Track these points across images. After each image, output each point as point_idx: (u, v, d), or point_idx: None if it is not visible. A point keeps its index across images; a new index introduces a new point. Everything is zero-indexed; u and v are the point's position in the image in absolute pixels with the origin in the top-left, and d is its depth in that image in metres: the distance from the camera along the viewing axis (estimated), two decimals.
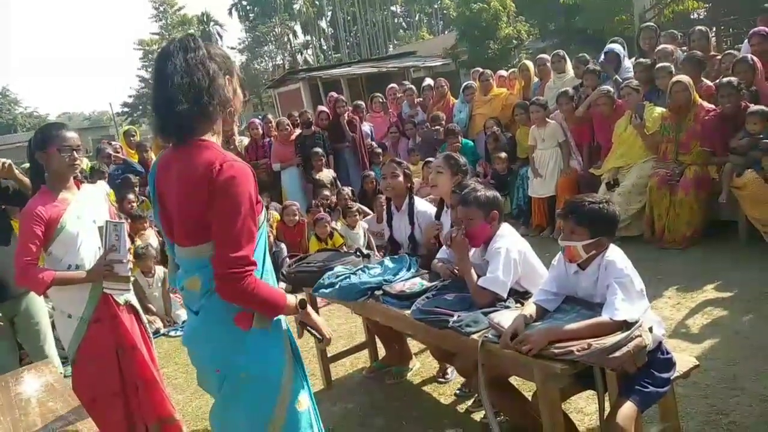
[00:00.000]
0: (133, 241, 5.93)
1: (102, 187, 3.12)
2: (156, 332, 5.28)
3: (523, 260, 2.72)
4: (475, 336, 2.37)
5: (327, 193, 6.93)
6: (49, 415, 2.06)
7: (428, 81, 8.91)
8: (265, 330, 1.80)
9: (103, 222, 2.79)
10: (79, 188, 2.86)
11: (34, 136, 2.76)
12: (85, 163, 7.46)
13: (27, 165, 2.94)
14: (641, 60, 6.27)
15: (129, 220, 6.04)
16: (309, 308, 1.88)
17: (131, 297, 2.93)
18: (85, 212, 2.79)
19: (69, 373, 2.85)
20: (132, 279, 2.87)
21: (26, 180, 3.09)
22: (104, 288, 2.76)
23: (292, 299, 1.83)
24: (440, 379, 3.56)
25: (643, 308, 2.22)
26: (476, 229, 2.76)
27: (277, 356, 1.85)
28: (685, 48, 6.57)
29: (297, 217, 6.39)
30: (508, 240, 2.74)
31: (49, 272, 2.64)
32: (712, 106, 5.23)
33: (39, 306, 3.32)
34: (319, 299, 3.63)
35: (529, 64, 7.83)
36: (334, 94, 8.56)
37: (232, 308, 1.75)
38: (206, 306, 1.79)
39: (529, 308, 2.33)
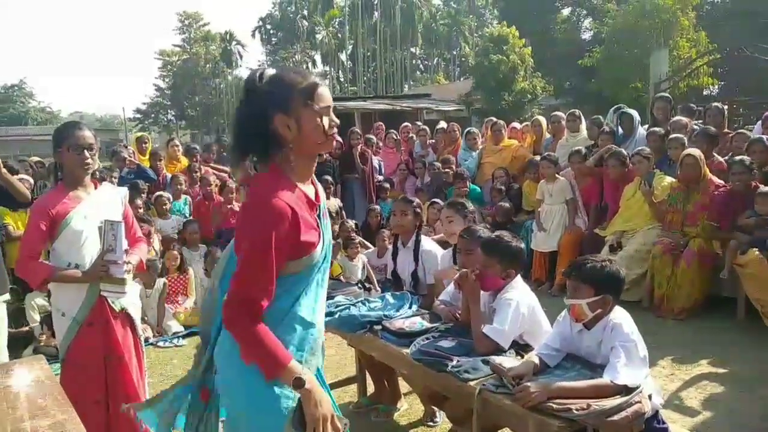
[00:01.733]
0: None
1: (122, 190, 3.08)
2: (146, 341, 5.21)
3: (530, 316, 2.71)
4: (472, 383, 2.35)
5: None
6: (37, 412, 2.02)
7: (442, 124, 9.03)
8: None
9: (103, 222, 2.76)
10: (96, 188, 2.86)
11: (53, 134, 2.79)
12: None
13: (35, 158, 2.97)
14: (655, 129, 6.37)
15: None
16: (314, 389, 1.65)
17: (128, 304, 2.89)
18: (95, 213, 2.77)
19: (57, 371, 2.81)
20: (129, 283, 2.82)
21: (14, 181, 3.08)
22: (101, 290, 2.74)
23: (296, 368, 1.63)
24: (429, 423, 3.51)
25: (644, 375, 2.22)
26: (488, 277, 2.75)
27: (277, 410, 1.68)
28: (699, 122, 6.69)
29: None
30: (519, 293, 2.73)
31: (48, 267, 2.64)
32: (722, 182, 5.30)
33: None
34: None
35: (542, 119, 7.95)
36: (356, 129, 8.66)
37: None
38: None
39: (533, 359, 2.33)
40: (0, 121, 57.76)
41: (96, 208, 2.79)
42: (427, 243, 3.81)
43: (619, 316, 2.33)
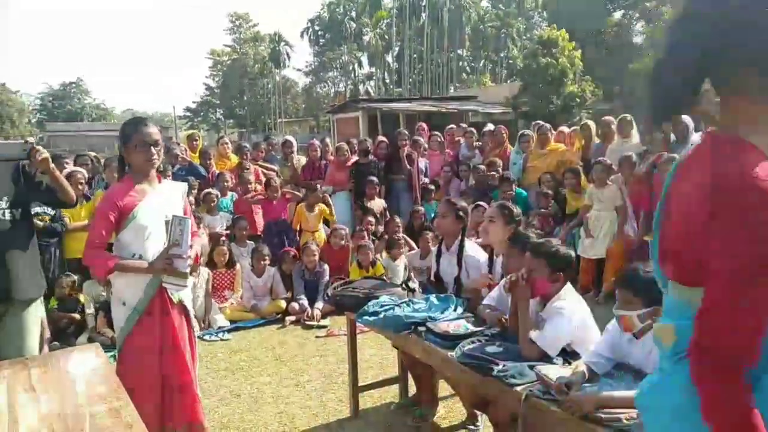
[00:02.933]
0: None
1: (182, 185, 3.17)
2: None
3: (581, 326, 2.67)
4: (518, 388, 2.33)
5: (372, 219, 6.98)
6: (95, 397, 2.10)
7: (489, 126, 8.96)
8: None
9: (170, 216, 2.86)
10: (160, 182, 2.96)
11: (120, 130, 2.90)
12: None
13: (92, 154, 3.03)
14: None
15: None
16: None
17: (185, 297, 2.98)
18: (160, 207, 2.87)
19: (111, 360, 2.92)
20: (189, 277, 2.92)
21: (62, 179, 3.09)
22: (163, 282, 2.83)
23: None
24: (470, 427, 3.48)
25: None
26: (536, 281, 2.72)
27: None
28: None
29: (344, 242, 6.45)
30: (572, 303, 2.69)
31: (114, 258, 2.73)
32: None
33: (28, 325, 3.04)
34: (358, 326, 3.64)
35: (592, 124, 7.80)
36: (404, 130, 8.69)
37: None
38: (669, 373, 1.27)
39: (581, 368, 2.29)
40: (57, 117, 60.16)
41: (160, 203, 2.89)
42: (471, 248, 3.78)
43: None
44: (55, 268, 5.46)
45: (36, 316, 3.10)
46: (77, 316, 5.33)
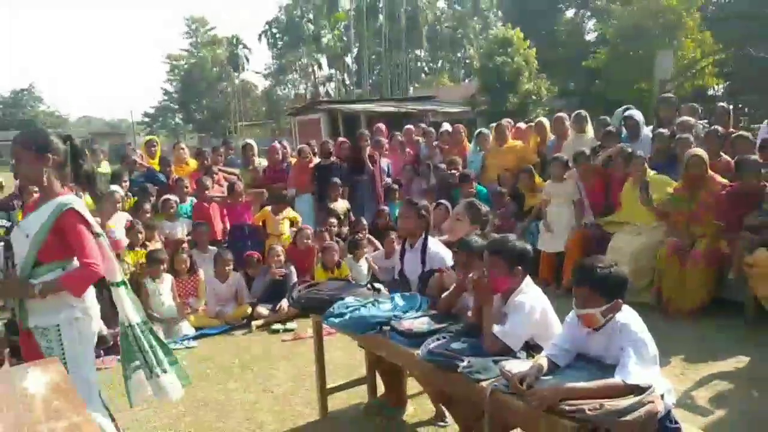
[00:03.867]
0: (145, 246, 5.99)
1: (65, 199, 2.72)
2: None
3: (542, 319, 2.71)
4: (484, 383, 2.36)
5: (333, 220, 6.97)
6: (52, 414, 2.04)
7: (446, 126, 9.03)
8: None
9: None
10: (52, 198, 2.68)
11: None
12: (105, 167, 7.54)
13: None
14: (661, 130, 6.37)
15: (142, 229, 6.12)
16: None
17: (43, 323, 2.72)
18: (24, 222, 2.74)
19: None
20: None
21: None
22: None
23: None
24: (439, 424, 3.51)
25: (655, 374, 2.22)
26: (496, 279, 2.74)
27: None
28: (704, 121, 6.69)
29: (309, 241, 6.43)
30: (532, 297, 2.73)
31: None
32: (726, 181, 5.28)
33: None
34: (325, 327, 3.63)
35: (545, 121, 7.96)
36: (365, 131, 8.71)
37: None
38: None
39: (541, 360, 2.33)
40: (9, 126, 58.12)
41: (29, 217, 2.75)
42: (434, 245, 3.81)
43: (627, 315, 2.33)
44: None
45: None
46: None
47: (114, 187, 6.34)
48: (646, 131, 6.78)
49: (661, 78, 14.46)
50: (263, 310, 5.79)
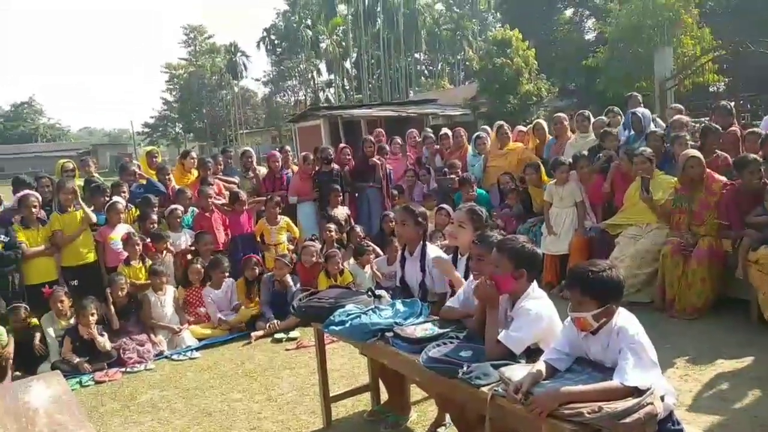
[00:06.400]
0: (144, 260, 5.98)
1: None
2: (159, 354, 5.28)
3: (548, 326, 2.70)
4: (484, 389, 2.36)
5: (332, 226, 6.95)
6: (55, 427, 2.06)
7: (445, 130, 9.01)
8: None
9: None
10: None
11: None
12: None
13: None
14: (654, 130, 6.37)
15: (150, 240, 6.14)
16: None
17: None
18: None
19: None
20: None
21: None
22: None
23: None
24: (437, 430, 3.50)
25: (655, 376, 2.22)
26: (499, 277, 2.74)
27: None
28: (705, 119, 6.70)
29: (314, 259, 6.36)
30: (539, 303, 2.72)
31: None
32: (725, 179, 5.27)
33: None
34: (326, 336, 3.64)
35: (543, 123, 7.97)
36: (370, 137, 8.70)
37: None
38: None
39: (540, 366, 2.33)
40: (10, 139, 58.40)
41: None
42: (433, 251, 3.81)
43: (624, 318, 2.33)
44: (14, 297, 5.29)
45: None
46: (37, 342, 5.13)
47: (116, 199, 6.34)
48: (653, 128, 6.75)
49: (661, 76, 14.45)
50: (261, 323, 5.77)
